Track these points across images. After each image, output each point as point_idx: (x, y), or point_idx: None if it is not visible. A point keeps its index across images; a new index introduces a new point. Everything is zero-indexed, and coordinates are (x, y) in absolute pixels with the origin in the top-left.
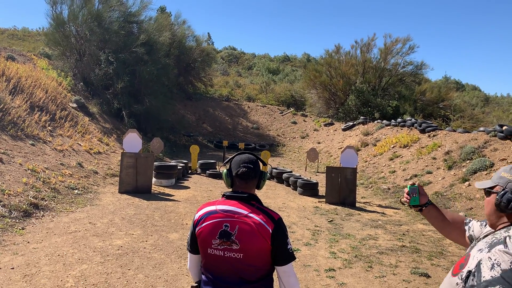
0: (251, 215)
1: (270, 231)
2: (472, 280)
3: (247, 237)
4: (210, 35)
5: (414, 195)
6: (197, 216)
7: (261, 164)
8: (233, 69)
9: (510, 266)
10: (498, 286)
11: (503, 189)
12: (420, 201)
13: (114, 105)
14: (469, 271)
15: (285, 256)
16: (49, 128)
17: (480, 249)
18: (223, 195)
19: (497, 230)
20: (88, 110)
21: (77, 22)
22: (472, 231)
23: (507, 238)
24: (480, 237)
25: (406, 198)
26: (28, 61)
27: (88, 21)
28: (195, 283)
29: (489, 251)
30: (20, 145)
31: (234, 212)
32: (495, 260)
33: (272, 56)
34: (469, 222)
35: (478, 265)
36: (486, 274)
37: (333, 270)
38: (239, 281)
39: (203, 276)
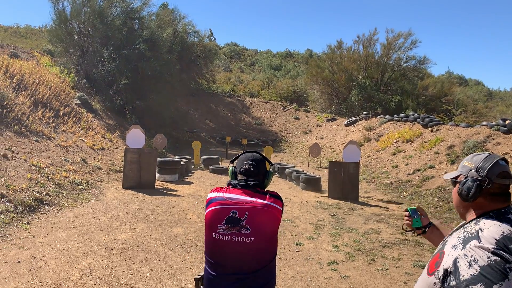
0: (259, 200)
1: (281, 208)
2: (451, 280)
3: (260, 221)
4: (212, 32)
5: (415, 216)
6: (208, 196)
7: (267, 164)
8: (235, 65)
9: (487, 261)
10: (479, 284)
11: (465, 178)
12: (422, 222)
13: (117, 102)
14: (446, 270)
15: None
16: (53, 124)
17: (453, 246)
18: (229, 184)
19: (467, 223)
20: (91, 106)
21: (80, 18)
22: None
23: (479, 232)
24: (452, 231)
25: (408, 220)
26: (31, 58)
27: (90, 17)
28: (198, 275)
29: (463, 248)
30: (24, 141)
31: (242, 200)
32: (471, 257)
33: (275, 52)
34: None
35: (455, 263)
36: (465, 273)
37: (336, 263)
38: (244, 266)
39: (207, 261)
